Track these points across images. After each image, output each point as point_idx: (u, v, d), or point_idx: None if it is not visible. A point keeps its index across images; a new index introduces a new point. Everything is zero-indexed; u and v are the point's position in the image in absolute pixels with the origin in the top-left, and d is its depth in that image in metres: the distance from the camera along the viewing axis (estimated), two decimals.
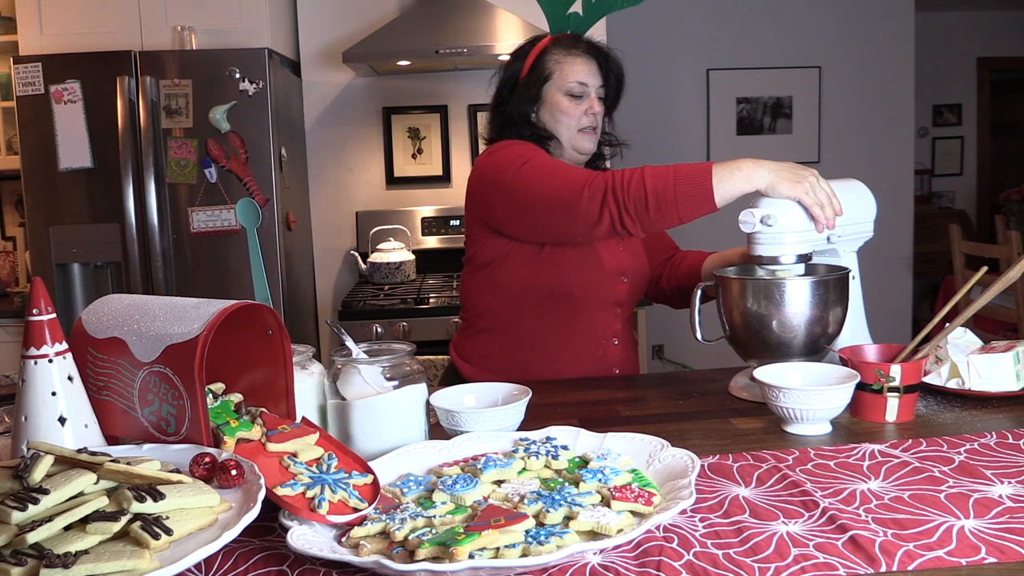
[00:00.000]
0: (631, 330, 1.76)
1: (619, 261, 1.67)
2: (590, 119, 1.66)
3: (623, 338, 1.72)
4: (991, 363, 1.31)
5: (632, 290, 1.71)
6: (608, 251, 1.65)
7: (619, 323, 1.70)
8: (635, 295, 1.73)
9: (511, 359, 1.65)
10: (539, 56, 1.67)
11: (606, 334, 1.68)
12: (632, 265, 1.70)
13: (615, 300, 1.68)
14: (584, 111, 1.65)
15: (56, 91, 2.89)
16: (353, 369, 1.13)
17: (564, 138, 1.66)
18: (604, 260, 1.63)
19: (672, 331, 4.45)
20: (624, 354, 1.72)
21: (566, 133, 1.66)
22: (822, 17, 4.65)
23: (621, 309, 1.70)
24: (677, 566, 0.80)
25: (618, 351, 1.70)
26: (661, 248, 1.82)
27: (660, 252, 1.81)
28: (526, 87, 1.66)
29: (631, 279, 1.70)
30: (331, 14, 3.48)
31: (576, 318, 1.64)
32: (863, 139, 4.73)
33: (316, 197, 3.59)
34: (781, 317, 1.33)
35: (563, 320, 1.63)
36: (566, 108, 1.64)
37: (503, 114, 1.69)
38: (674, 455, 1.01)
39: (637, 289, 1.74)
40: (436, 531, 0.82)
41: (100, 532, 0.75)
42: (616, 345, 1.69)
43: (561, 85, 1.64)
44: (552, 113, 1.65)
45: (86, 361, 1.05)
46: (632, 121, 4.55)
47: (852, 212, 1.48)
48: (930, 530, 0.85)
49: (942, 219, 5.78)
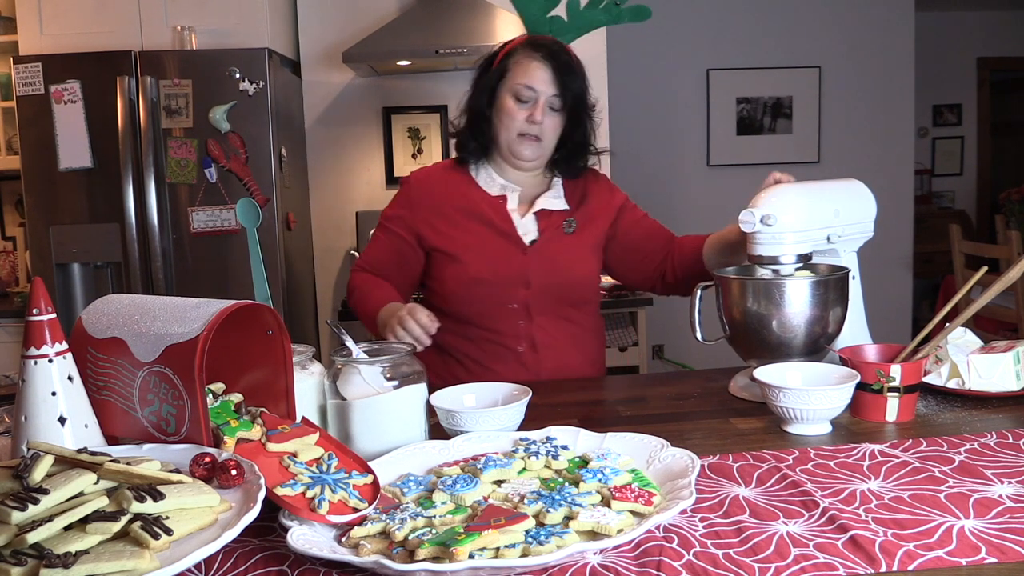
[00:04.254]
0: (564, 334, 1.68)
1: (508, 270, 1.63)
2: (532, 127, 1.62)
3: (547, 345, 1.65)
4: (991, 363, 1.31)
5: (545, 295, 1.64)
6: (485, 261, 1.63)
7: (535, 330, 1.65)
8: (554, 300, 1.66)
9: (447, 370, 1.66)
10: (507, 52, 1.66)
11: (514, 343, 1.64)
12: (541, 270, 1.64)
13: (519, 309, 1.64)
14: (526, 116, 1.62)
15: (56, 91, 2.89)
16: (353, 369, 1.13)
17: (503, 141, 1.65)
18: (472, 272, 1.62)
19: (672, 331, 4.45)
20: (559, 361, 1.66)
21: (505, 136, 1.65)
22: (822, 17, 4.65)
23: (533, 316, 1.64)
24: (677, 566, 0.80)
25: (542, 358, 1.64)
26: (657, 246, 1.75)
27: (657, 250, 1.74)
28: (486, 81, 1.66)
29: (538, 285, 1.64)
30: (331, 14, 3.48)
31: (479, 330, 1.65)
32: (863, 139, 4.73)
33: (316, 197, 3.59)
34: (781, 317, 1.33)
35: (471, 333, 1.64)
36: (509, 109, 1.63)
37: (467, 108, 1.69)
38: (674, 455, 1.01)
39: (555, 294, 1.66)
40: (436, 531, 0.82)
41: (100, 532, 0.75)
42: (535, 353, 1.64)
43: (511, 86, 1.63)
44: (498, 113, 1.65)
45: (86, 361, 1.05)
46: (632, 121, 4.59)
47: (852, 212, 1.48)
48: (930, 530, 0.85)
49: (942, 219, 5.78)
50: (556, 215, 1.69)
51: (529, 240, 1.66)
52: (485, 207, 1.67)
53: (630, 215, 1.77)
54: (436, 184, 1.72)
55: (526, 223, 1.67)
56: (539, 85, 1.61)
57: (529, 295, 1.64)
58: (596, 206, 1.73)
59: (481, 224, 1.66)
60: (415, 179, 1.74)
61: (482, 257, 1.64)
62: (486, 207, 1.67)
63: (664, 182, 4.63)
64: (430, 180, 1.73)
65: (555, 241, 1.67)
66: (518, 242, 1.65)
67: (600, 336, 1.79)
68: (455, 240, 1.66)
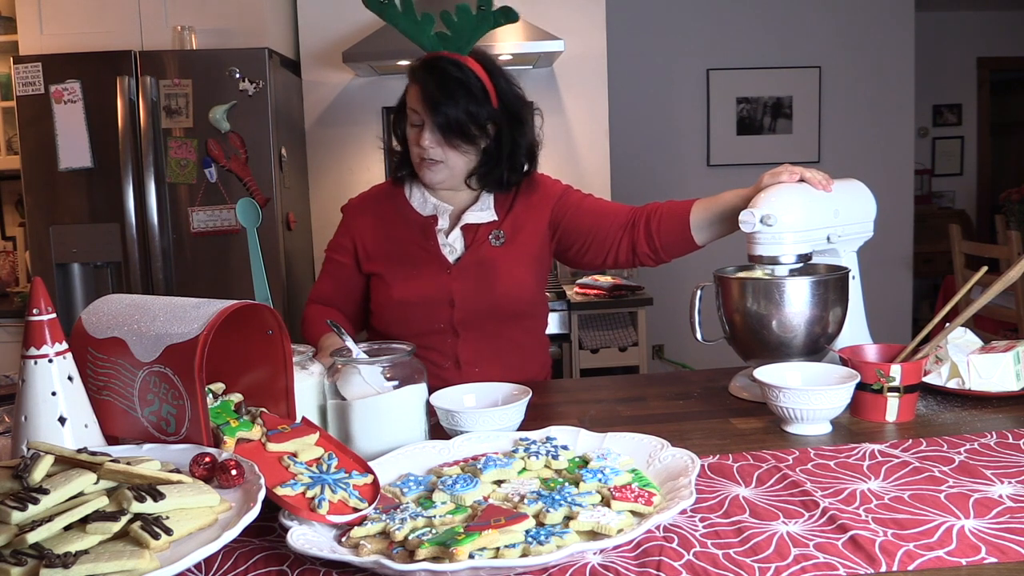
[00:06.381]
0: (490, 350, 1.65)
1: (432, 291, 1.62)
2: (423, 150, 1.58)
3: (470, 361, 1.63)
4: (991, 363, 1.31)
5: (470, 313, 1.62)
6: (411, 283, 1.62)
7: (459, 347, 1.63)
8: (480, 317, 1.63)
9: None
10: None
11: (441, 360, 1.63)
12: (464, 288, 1.62)
13: (446, 328, 1.63)
14: (415, 141, 1.59)
15: (56, 91, 2.89)
16: (353, 369, 1.13)
17: (415, 168, 1.64)
18: (395, 294, 1.62)
19: (672, 331, 4.45)
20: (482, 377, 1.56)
21: (413, 162, 1.63)
22: (822, 17, 4.65)
23: (460, 334, 1.63)
24: (677, 566, 0.80)
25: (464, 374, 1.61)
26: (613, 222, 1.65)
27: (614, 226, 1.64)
28: (400, 105, 1.64)
29: (462, 304, 1.62)
30: (331, 14, 3.48)
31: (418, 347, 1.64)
32: (863, 139, 4.73)
33: (316, 197, 3.59)
34: (781, 317, 1.33)
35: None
36: (409, 135, 1.61)
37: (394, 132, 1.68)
38: (674, 455, 1.01)
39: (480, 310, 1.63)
40: (436, 531, 0.82)
41: (100, 532, 0.75)
42: (458, 369, 1.63)
43: (407, 113, 1.61)
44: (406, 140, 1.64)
45: (86, 361, 1.05)
46: (632, 121, 4.58)
47: (852, 212, 1.48)
48: (930, 530, 0.85)
49: (942, 219, 5.78)
50: (483, 228, 1.66)
51: (454, 258, 1.64)
52: (415, 228, 1.66)
53: (569, 201, 1.70)
54: (371, 209, 1.72)
55: (453, 241, 1.66)
56: (419, 107, 1.56)
57: (454, 313, 1.62)
58: (526, 210, 1.68)
59: (408, 246, 1.66)
60: (352, 206, 1.75)
61: (407, 280, 1.63)
62: (416, 228, 1.66)
63: (664, 182, 4.63)
64: (365, 205, 1.74)
65: (481, 256, 1.64)
66: (442, 261, 1.64)
67: (537, 352, 1.75)
68: (384, 262, 1.66)
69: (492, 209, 1.67)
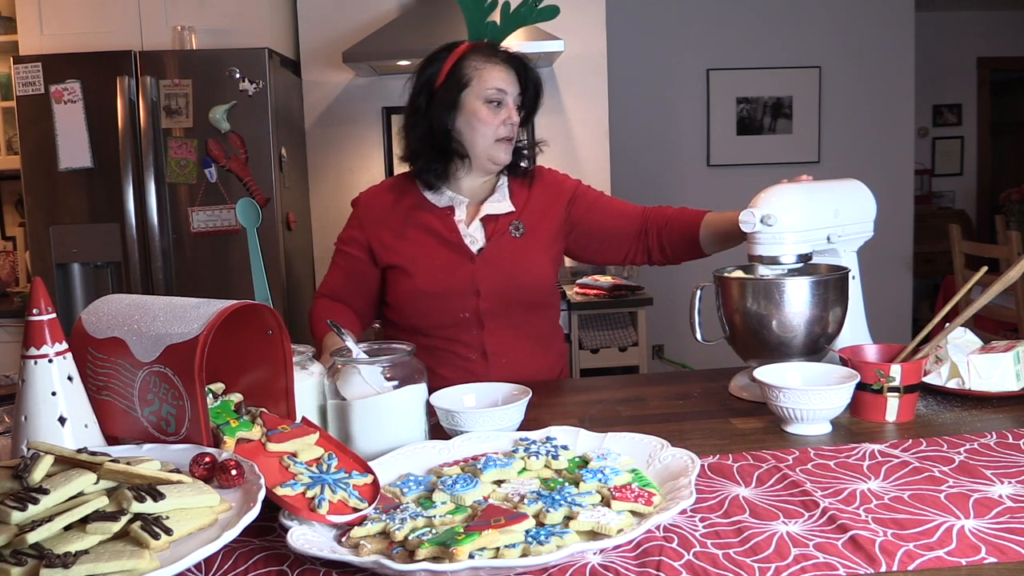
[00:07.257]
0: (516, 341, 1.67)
1: (457, 280, 1.63)
2: (507, 129, 1.64)
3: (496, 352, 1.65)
4: (991, 363, 1.31)
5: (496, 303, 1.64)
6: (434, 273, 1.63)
7: (486, 338, 1.65)
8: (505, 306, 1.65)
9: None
10: (456, 62, 1.64)
11: (466, 351, 1.64)
12: (490, 278, 1.64)
13: (471, 318, 1.64)
14: (502, 120, 1.63)
15: (56, 91, 2.89)
16: (353, 369, 1.13)
17: (480, 148, 1.64)
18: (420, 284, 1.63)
19: (672, 331, 4.45)
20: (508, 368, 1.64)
21: (482, 143, 1.64)
22: (822, 17, 4.65)
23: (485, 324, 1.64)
24: (677, 566, 0.80)
25: (491, 365, 1.64)
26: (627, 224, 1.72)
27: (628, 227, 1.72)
28: (444, 93, 1.63)
29: (488, 293, 1.64)
30: (331, 14, 3.48)
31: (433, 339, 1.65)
32: (863, 139, 4.73)
33: (316, 197, 3.59)
34: (781, 317, 1.33)
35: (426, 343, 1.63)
36: (484, 116, 1.62)
37: (423, 124, 1.66)
38: (674, 455, 1.01)
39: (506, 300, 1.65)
40: (436, 531, 0.82)
41: (100, 532, 0.75)
42: (485, 360, 1.64)
43: (480, 92, 1.62)
44: (469, 121, 1.63)
45: (86, 361, 1.05)
46: (632, 121, 4.58)
47: (852, 212, 1.48)
48: (930, 530, 0.85)
49: (942, 219, 5.78)
50: (503, 219, 1.68)
51: (477, 248, 1.66)
52: (432, 219, 1.68)
53: (584, 199, 1.75)
54: (384, 202, 1.72)
55: (473, 231, 1.67)
56: (507, 87, 1.63)
57: (480, 303, 1.64)
58: (543, 202, 1.73)
59: (429, 236, 1.67)
60: (364, 199, 1.76)
61: (430, 269, 1.64)
62: (433, 219, 1.68)
63: (664, 182, 4.63)
64: (378, 198, 1.74)
65: (503, 246, 1.67)
66: (465, 251, 1.65)
67: (555, 341, 1.78)
68: (405, 254, 1.67)
69: (509, 200, 1.70)
